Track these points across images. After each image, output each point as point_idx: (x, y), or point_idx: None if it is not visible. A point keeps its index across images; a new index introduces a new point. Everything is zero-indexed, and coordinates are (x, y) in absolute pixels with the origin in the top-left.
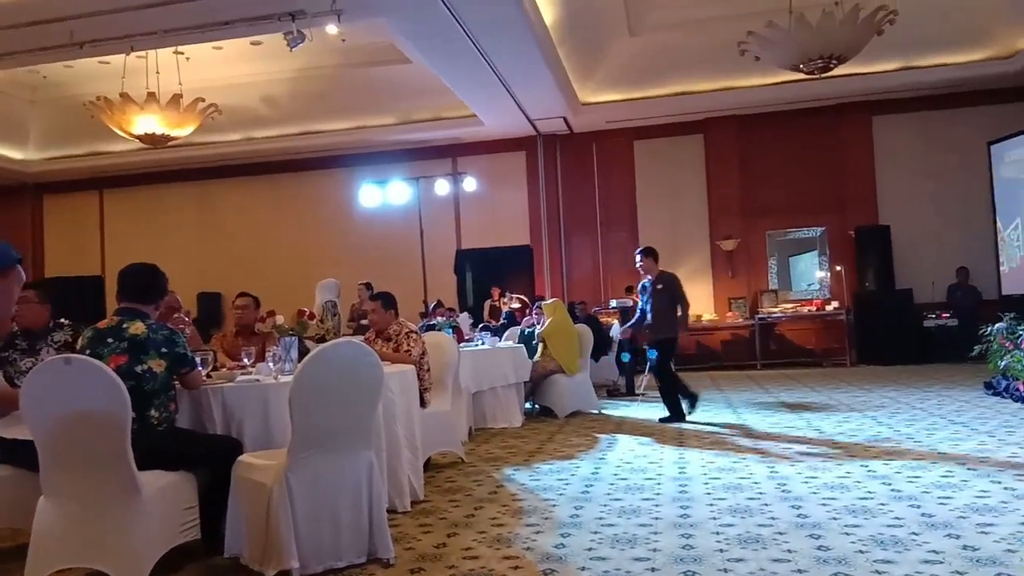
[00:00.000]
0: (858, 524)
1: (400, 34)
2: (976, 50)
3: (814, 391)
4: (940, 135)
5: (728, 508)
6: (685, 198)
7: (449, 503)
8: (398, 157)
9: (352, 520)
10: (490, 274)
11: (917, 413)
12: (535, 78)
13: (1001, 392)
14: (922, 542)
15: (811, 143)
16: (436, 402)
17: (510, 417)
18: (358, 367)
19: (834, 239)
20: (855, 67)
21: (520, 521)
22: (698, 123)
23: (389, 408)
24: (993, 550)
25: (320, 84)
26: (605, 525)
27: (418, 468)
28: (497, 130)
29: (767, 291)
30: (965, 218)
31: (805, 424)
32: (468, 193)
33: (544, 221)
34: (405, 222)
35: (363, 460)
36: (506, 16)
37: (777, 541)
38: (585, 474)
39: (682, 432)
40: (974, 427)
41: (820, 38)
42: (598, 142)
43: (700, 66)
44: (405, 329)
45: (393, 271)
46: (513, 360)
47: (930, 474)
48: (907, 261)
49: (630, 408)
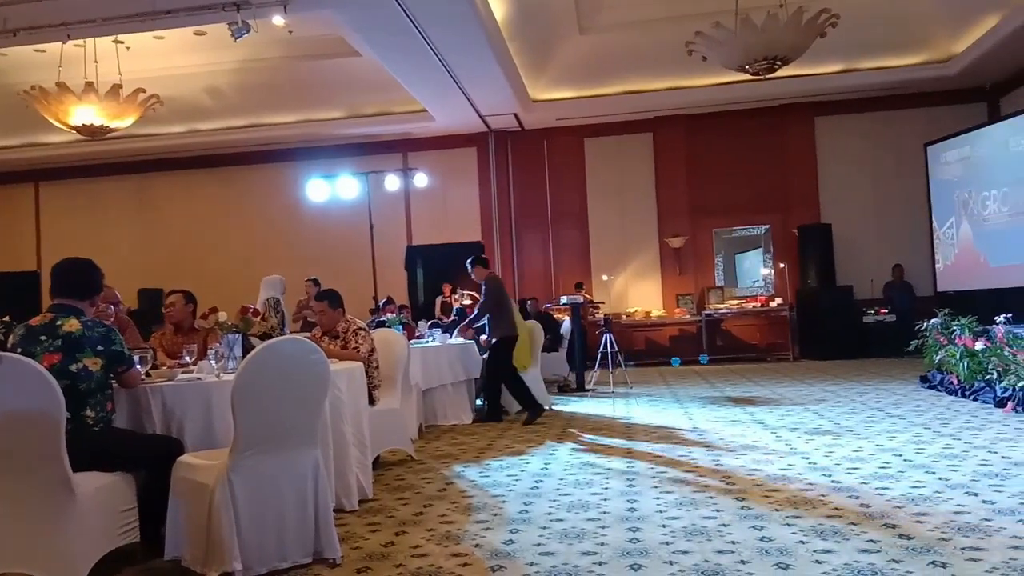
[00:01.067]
0: (799, 515)
1: (348, 27)
2: (914, 54)
3: (758, 385)
4: (880, 136)
5: (674, 501)
6: (635, 196)
7: (398, 501)
8: (347, 151)
9: (297, 520)
10: (441, 270)
11: (856, 406)
12: (486, 74)
13: (936, 385)
14: (860, 532)
15: (756, 143)
16: (385, 399)
17: (460, 414)
18: (304, 364)
19: (778, 237)
20: (799, 69)
21: (469, 518)
22: (647, 122)
23: (336, 406)
24: (928, 539)
25: (266, 76)
26: (554, 520)
27: (366, 466)
28: (448, 126)
29: (714, 288)
30: (903, 217)
31: (750, 418)
32: (419, 189)
33: (495, 217)
34: (354, 217)
35: (309, 459)
36: (456, 11)
37: (721, 533)
38: (535, 470)
39: (630, 427)
40: (910, 419)
41: (765, 39)
42: (549, 139)
43: (649, 65)
44: (353, 326)
45: (342, 267)
46: (463, 357)
47: (868, 465)
48: (847, 259)
49: (581, 403)
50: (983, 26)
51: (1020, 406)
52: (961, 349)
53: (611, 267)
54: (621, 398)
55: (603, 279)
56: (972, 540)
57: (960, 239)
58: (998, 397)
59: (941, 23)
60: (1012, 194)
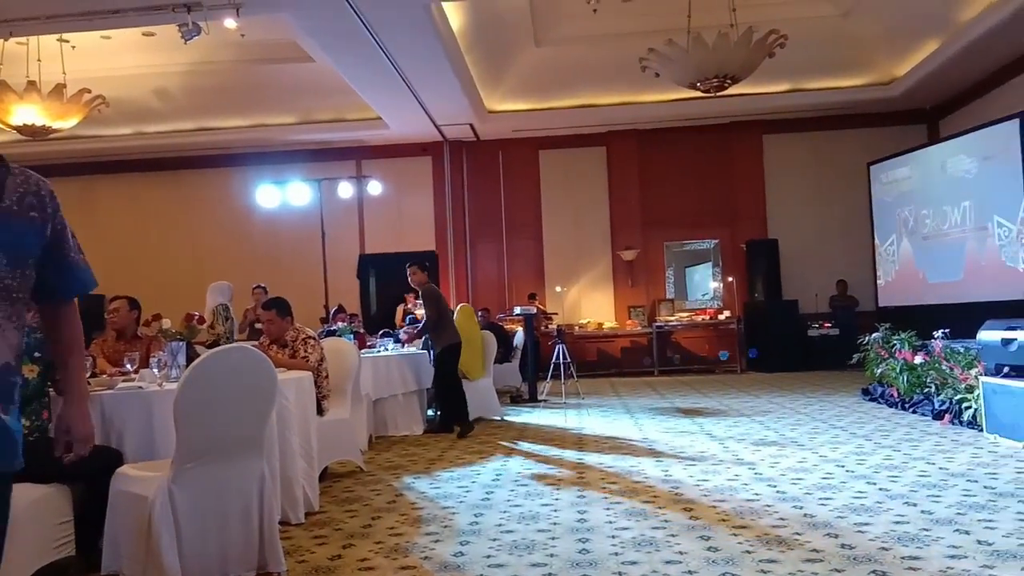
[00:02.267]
0: (745, 525)
1: (302, 31)
2: (859, 76)
3: (707, 397)
4: (825, 155)
5: (624, 512)
6: (588, 208)
7: (346, 513)
8: (299, 157)
9: (241, 533)
10: (395, 279)
11: (801, 418)
12: (442, 83)
13: (877, 398)
14: (804, 541)
15: (706, 159)
16: (334, 410)
17: (411, 424)
18: (250, 374)
19: (727, 251)
20: (748, 87)
21: (419, 530)
22: (601, 136)
23: (284, 416)
24: (868, 548)
25: (217, 79)
26: (504, 532)
27: (313, 478)
28: (403, 134)
29: (664, 300)
30: (846, 233)
31: (698, 428)
32: (372, 197)
33: (450, 227)
34: (306, 225)
35: (254, 471)
36: (413, 19)
37: (670, 543)
38: (486, 481)
39: (582, 438)
40: (852, 431)
41: (716, 58)
42: (504, 150)
43: (603, 80)
44: (302, 335)
45: (293, 274)
46: (416, 366)
47: (812, 476)
48: (793, 273)
49: (533, 414)
50: (924, 51)
51: (956, 419)
52: (901, 363)
53: (564, 278)
54: (573, 409)
55: (556, 290)
56: (911, 550)
57: (900, 256)
58: (936, 410)
59: (884, 47)
60: (949, 213)
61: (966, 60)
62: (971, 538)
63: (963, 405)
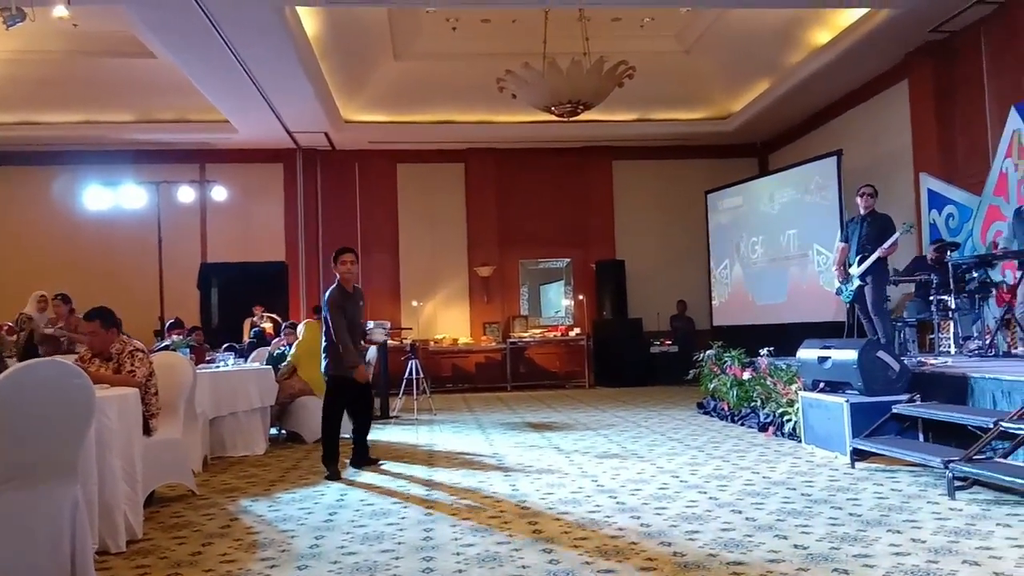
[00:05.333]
0: (586, 536)
1: (142, 25)
2: (699, 110)
3: (556, 411)
4: (669, 182)
5: (470, 528)
6: (446, 224)
7: (173, 540)
8: (135, 158)
9: (50, 564)
10: (240, 290)
11: (642, 430)
12: (295, 89)
13: (710, 411)
14: (640, 551)
15: (561, 181)
16: (164, 429)
17: (252, 444)
18: (62, 390)
19: (578, 270)
20: (599, 114)
21: (254, 555)
22: (460, 152)
23: (104, 437)
24: (698, 555)
25: (45, 70)
26: (346, 554)
27: (137, 503)
28: (252, 139)
29: (518, 316)
30: (686, 257)
31: (547, 443)
32: (217, 203)
33: (301, 238)
34: (141, 230)
35: (66, 497)
36: (264, 21)
37: (513, 558)
38: (330, 502)
39: (432, 455)
40: (687, 443)
41: (569, 84)
42: (361, 161)
43: (462, 97)
44: (129, 347)
45: (125, 283)
46: (258, 383)
47: (649, 487)
48: (638, 293)
49: (383, 431)
50: (756, 89)
51: (779, 431)
52: (731, 379)
53: (421, 293)
54: (425, 425)
55: (412, 305)
56: (736, 555)
57: (732, 279)
58: (761, 422)
59: (722, 84)
60: (775, 240)
61: (793, 100)
62: (789, 542)
63: (785, 418)
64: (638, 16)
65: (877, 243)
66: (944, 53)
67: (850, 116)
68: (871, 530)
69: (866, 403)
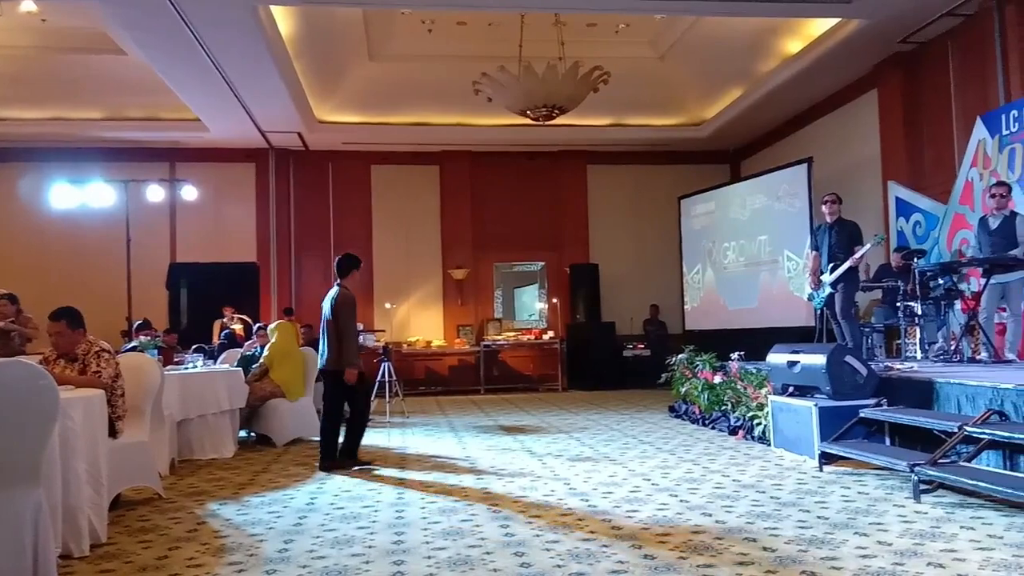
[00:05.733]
0: (558, 539)
1: (113, 21)
2: (673, 116)
3: (529, 414)
4: (642, 187)
5: (442, 531)
6: (420, 226)
7: (139, 544)
8: (104, 156)
9: (12, 569)
10: (210, 291)
11: (614, 434)
12: (268, 88)
13: (681, 415)
14: (611, 553)
15: (535, 184)
16: (131, 431)
17: (221, 447)
18: (25, 391)
19: (552, 274)
20: (574, 119)
21: (221, 560)
22: (434, 155)
23: (68, 439)
24: (668, 558)
25: (12, 66)
26: (316, 558)
27: (102, 507)
28: (224, 138)
29: (492, 319)
30: (659, 261)
31: (519, 446)
32: (187, 202)
33: (274, 239)
34: (109, 229)
35: (28, 500)
36: (238, 19)
37: (485, 561)
38: (299, 505)
39: (404, 457)
40: (659, 446)
41: (544, 88)
42: (335, 162)
43: (437, 99)
44: (95, 348)
45: (93, 283)
46: (227, 385)
47: (621, 489)
48: (612, 297)
49: None
50: (729, 97)
51: (749, 434)
52: (703, 382)
53: (394, 295)
54: (397, 428)
55: (386, 307)
56: (705, 558)
57: (705, 284)
58: (731, 426)
59: (695, 91)
60: (746, 246)
61: (764, 107)
62: (758, 545)
63: (755, 422)
64: (613, 22)
65: (847, 250)
66: (913, 64)
67: (820, 124)
68: (838, 532)
69: (834, 407)
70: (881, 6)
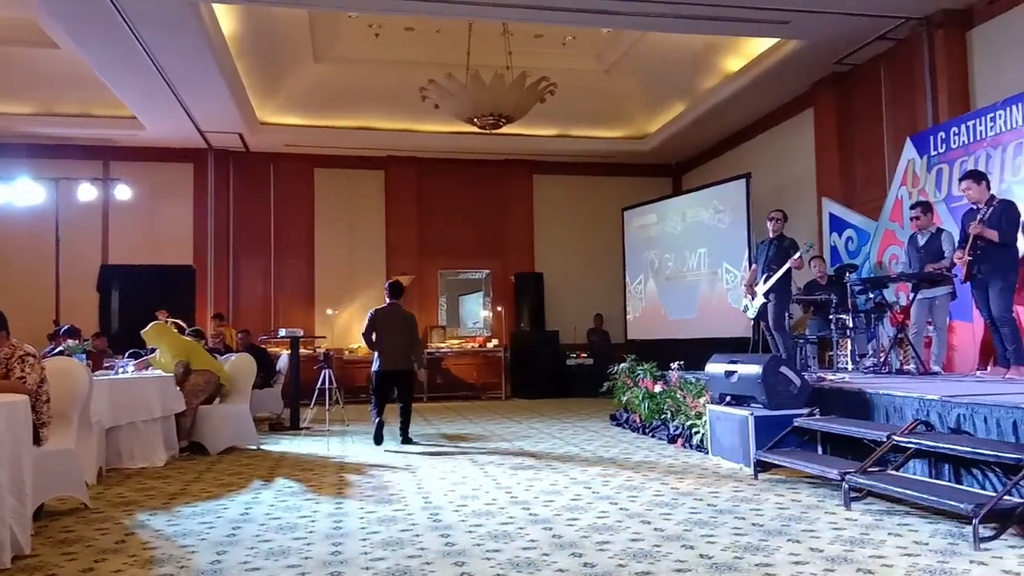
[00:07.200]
0: (499, 548)
1: (46, 13)
2: (617, 129)
3: (472, 423)
4: (587, 198)
5: (380, 542)
6: (364, 231)
7: (63, 556)
8: (33, 152)
9: None
10: (144, 293)
11: (556, 442)
12: (207, 88)
13: (623, 423)
14: (551, 562)
15: (482, 192)
16: (56, 439)
17: (151, 455)
18: None
19: (498, 282)
20: (521, 128)
21: (150, 572)
22: (380, 160)
23: None
24: (607, 566)
25: None
26: (249, 570)
27: (25, 517)
28: (161, 137)
29: (437, 327)
30: (603, 271)
31: (461, 454)
32: (121, 202)
33: (211, 241)
34: (36, 228)
35: None
36: (177, 16)
37: (424, 572)
38: (233, 516)
39: (343, 466)
40: (600, 454)
41: (491, 97)
42: (276, 164)
43: (383, 104)
44: (19, 352)
45: (17, 284)
46: (160, 391)
47: (562, 498)
48: (556, 305)
49: (293, 443)
50: (672, 111)
51: (688, 442)
52: (643, 391)
53: (336, 301)
54: (337, 436)
55: (327, 313)
56: (644, 565)
57: (647, 294)
58: (671, 434)
59: (640, 105)
60: (687, 258)
61: (706, 123)
62: (695, 552)
63: (693, 430)
64: (560, 34)
65: (781, 264)
66: (847, 84)
67: (759, 141)
68: (772, 539)
69: (769, 416)
70: (818, 28)
